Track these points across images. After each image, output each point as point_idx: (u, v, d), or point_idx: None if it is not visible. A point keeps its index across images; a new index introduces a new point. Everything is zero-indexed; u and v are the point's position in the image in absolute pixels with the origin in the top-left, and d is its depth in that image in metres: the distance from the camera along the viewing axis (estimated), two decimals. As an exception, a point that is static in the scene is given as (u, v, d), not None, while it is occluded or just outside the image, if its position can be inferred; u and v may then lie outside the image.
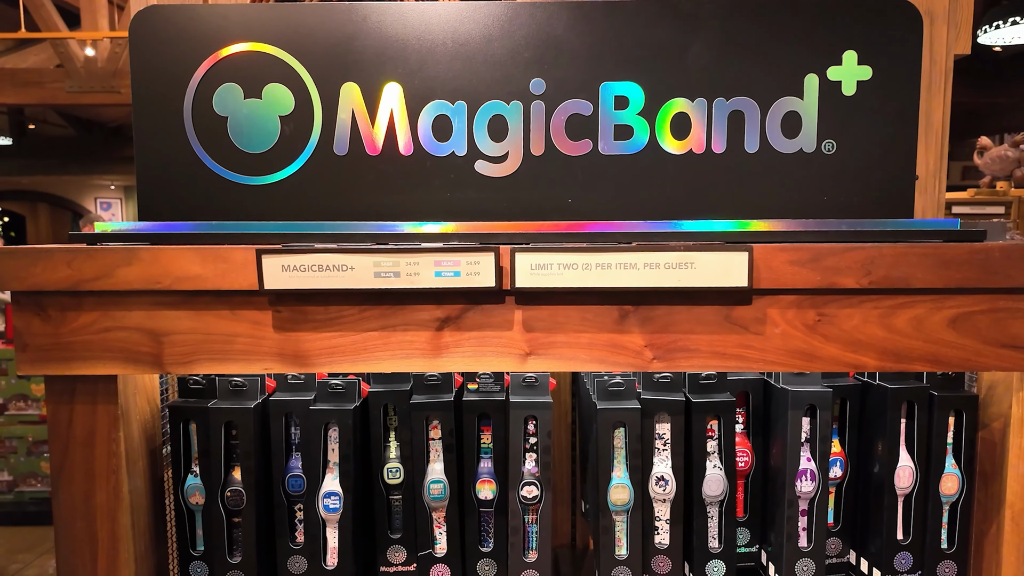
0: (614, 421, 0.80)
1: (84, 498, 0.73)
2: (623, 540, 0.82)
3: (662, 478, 0.81)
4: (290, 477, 0.82)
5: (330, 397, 0.81)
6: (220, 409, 0.79)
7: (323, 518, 0.81)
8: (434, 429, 0.82)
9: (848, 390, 0.82)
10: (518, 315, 0.70)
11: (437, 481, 0.81)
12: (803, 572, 0.80)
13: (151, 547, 0.80)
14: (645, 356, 0.71)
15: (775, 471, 0.82)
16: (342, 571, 0.80)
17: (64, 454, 0.73)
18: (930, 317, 0.70)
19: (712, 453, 0.82)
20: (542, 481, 0.81)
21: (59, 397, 0.72)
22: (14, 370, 3.27)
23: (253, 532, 0.80)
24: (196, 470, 0.82)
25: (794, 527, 0.80)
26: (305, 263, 0.67)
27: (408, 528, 0.84)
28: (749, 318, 0.70)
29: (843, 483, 0.84)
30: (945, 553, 0.81)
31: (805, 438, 0.80)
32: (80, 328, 0.70)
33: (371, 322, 0.70)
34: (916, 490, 0.80)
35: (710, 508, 0.82)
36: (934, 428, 0.79)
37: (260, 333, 0.70)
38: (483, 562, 0.83)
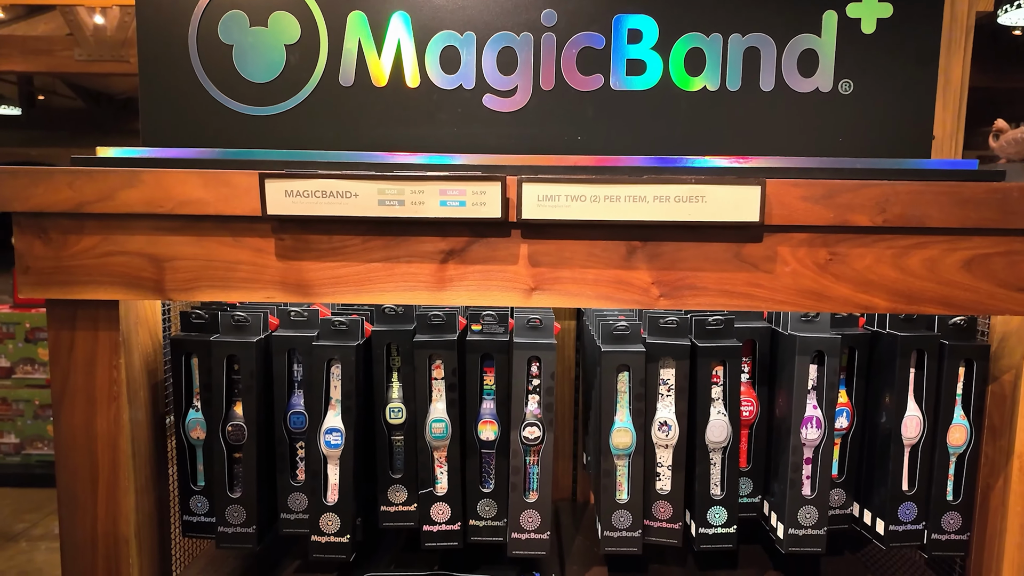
0: (618, 364, 0.79)
1: (85, 424, 0.73)
2: (624, 485, 0.81)
3: (665, 423, 0.80)
4: (292, 414, 0.82)
5: (333, 335, 0.80)
6: (222, 343, 0.79)
7: (324, 454, 0.80)
8: (437, 369, 0.81)
9: (857, 339, 0.81)
10: (523, 249, 0.69)
11: (439, 420, 0.81)
12: (806, 520, 0.79)
13: (152, 481, 0.80)
14: (652, 293, 0.70)
15: (780, 419, 0.81)
16: (342, 508, 0.80)
17: (65, 380, 0.73)
18: (944, 258, 0.68)
19: (716, 399, 0.81)
20: (544, 422, 0.80)
21: (60, 322, 0.72)
22: (21, 334, 3.29)
23: (254, 467, 0.80)
24: (197, 404, 0.82)
25: (798, 475, 0.79)
26: (308, 188, 0.66)
27: (409, 468, 0.83)
28: (759, 256, 0.69)
29: (848, 434, 0.83)
30: (950, 504, 0.80)
31: (812, 386, 0.79)
32: (82, 252, 0.69)
33: (375, 253, 0.70)
34: (923, 441, 0.79)
35: (713, 455, 0.82)
36: (944, 378, 0.78)
37: (263, 261, 0.70)
38: (483, 502, 0.83)
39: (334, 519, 0.80)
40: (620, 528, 0.81)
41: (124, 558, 0.75)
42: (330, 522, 0.80)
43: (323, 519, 0.80)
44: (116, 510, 0.74)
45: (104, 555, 0.75)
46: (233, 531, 0.81)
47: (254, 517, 0.81)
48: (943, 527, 0.80)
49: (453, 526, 0.83)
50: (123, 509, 0.74)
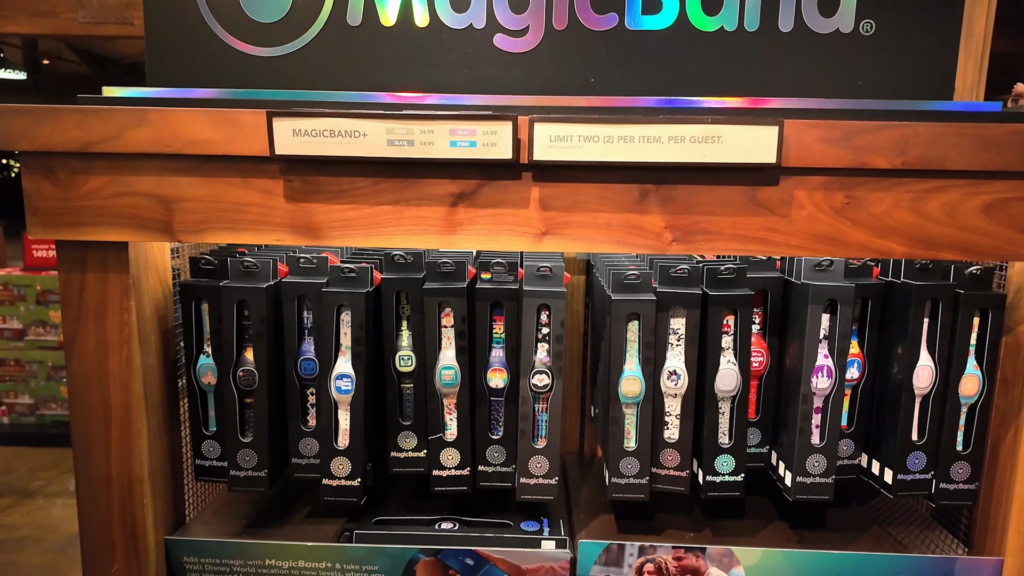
0: (628, 313, 0.79)
1: (97, 367, 0.73)
2: (632, 433, 0.82)
3: (674, 372, 0.80)
4: (302, 360, 0.82)
5: (343, 282, 0.80)
6: (232, 288, 0.79)
7: (335, 400, 0.81)
8: (446, 317, 0.81)
9: (870, 289, 0.80)
10: (535, 192, 0.69)
11: (448, 367, 0.81)
12: (814, 468, 0.79)
13: (165, 425, 0.81)
14: (664, 238, 0.69)
15: (791, 369, 0.81)
16: (353, 452, 0.81)
17: (76, 323, 0.73)
18: (964, 203, 0.67)
19: (727, 349, 0.81)
20: (553, 370, 0.80)
21: (70, 264, 0.72)
22: (32, 296, 3.32)
23: (265, 412, 0.81)
24: (208, 350, 0.82)
25: (807, 423, 0.79)
26: (316, 128, 0.65)
27: (419, 415, 0.84)
28: (775, 200, 0.68)
29: (859, 385, 0.83)
30: (960, 455, 0.80)
31: (824, 335, 0.79)
32: (90, 193, 0.69)
33: (384, 195, 0.69)
34: (934, 391, 0.79)
35: (722, 404, 0.82)
36: (958, 328, 0.77)
37: (271, 203, 0.69)
38: (492, 448, 0.84)
39: (345, 463, 0.81)
40: (627, 475, 0.81)
41: (138, 499, 0.76)
42: (341, 466, 0.81)
43: (334, 463, 0.81)
44: (129, 451, 0.75)
45: (119, 495, 0.76)
46: (245, 475, 0.82)
47: (265, 461, 0.82)
48: (952, 477, 0.80)
49: (462, 471, 0.83)
50: (136, 450, 0.75)
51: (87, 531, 0.76)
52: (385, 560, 0.81)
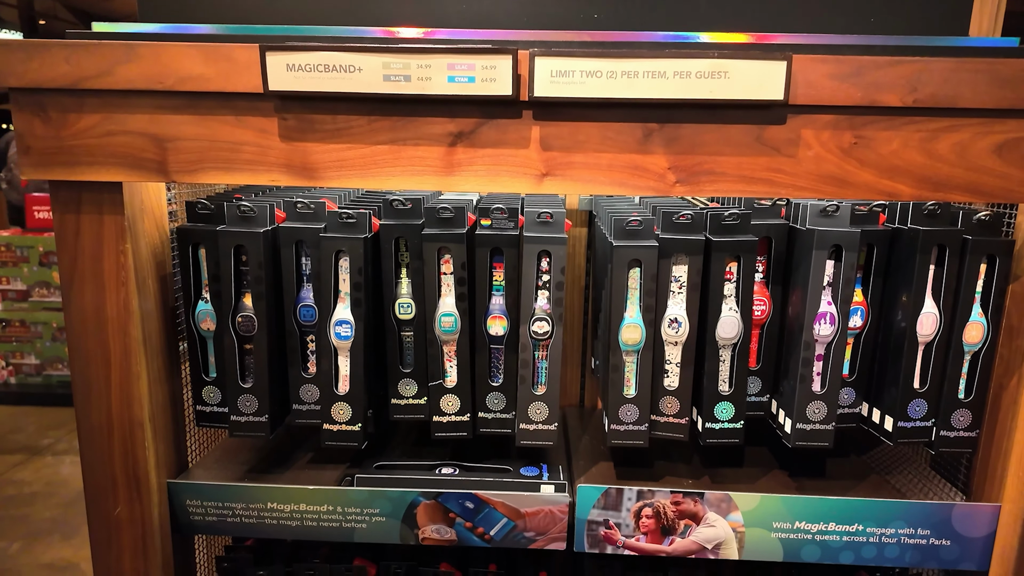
0: (630, 259, 0.78)
1: (95, 310, 0.73)
2: (632, 380, 0.81)
3: (675, 320, 0.80)
4: (301, 307, 0.82)
5: (341, 227, 0.79)
6: (230, 232, 0.78)
7: (335, 346, 0.81)
8: (446, 263, 0.80)
9: (876, 235, 0.79)
10: (535, 132, 0.67)
11: (448, 314, 0.80)
12: (814, 415, 0.79)
13: (165, 371, 0.81)
14: (668, 179, 0.68)
15: (793, 317, 0.80)
16: (353, 397, 0.81)
17: (73, 265, 0.72)
18: (975, 143, 0.65)
19: (729, 296, 0.80)
20: (553, 317, 0.80)
21: (65, 206, 0.71)
22: (35, 257, 3.32)
23: (265, 358, 0.81)
24: (206, 296, 0.82)
25: (808, 370, 0.78)
26: (311, 62, 0.63)
27: (419, 363, 0.84)
28: (781, 139, 0.66)
29: (862, 334, 0.82)
30: (961, 402, 0.79)
31: (828, 282, 0.78)
32: (82, 131, 0.68)
33: (381, 135, 0.67)
34: (938, 338, 0.78)
35: (722, 352, 0.81)
36: (964, 275, 0.76)
37: (266, 142, 0.68)
38: (492, 395, 0.84)
39: (345, 408, 0.81)
40: (627, 422, 0.81)
41: (140, 442, 0.77)
42: (341, 411, 0.82)
43: (335, 408, 0.82)
44: (130, 395, 0.75)
45: (120, 438, 0.76)
46: (246, 420, 0.82)
47: (266, 407, 0.82)
48: (952, 424, 0.79)
49: (463, 417, 0.84)
50: (136, 394, 0.75)
51: (90, 473, 0.77)
52: (386, 503, 0.82)
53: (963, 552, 0.80)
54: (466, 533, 0.82)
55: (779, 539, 0.81)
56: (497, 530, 0.82)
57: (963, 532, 0.79)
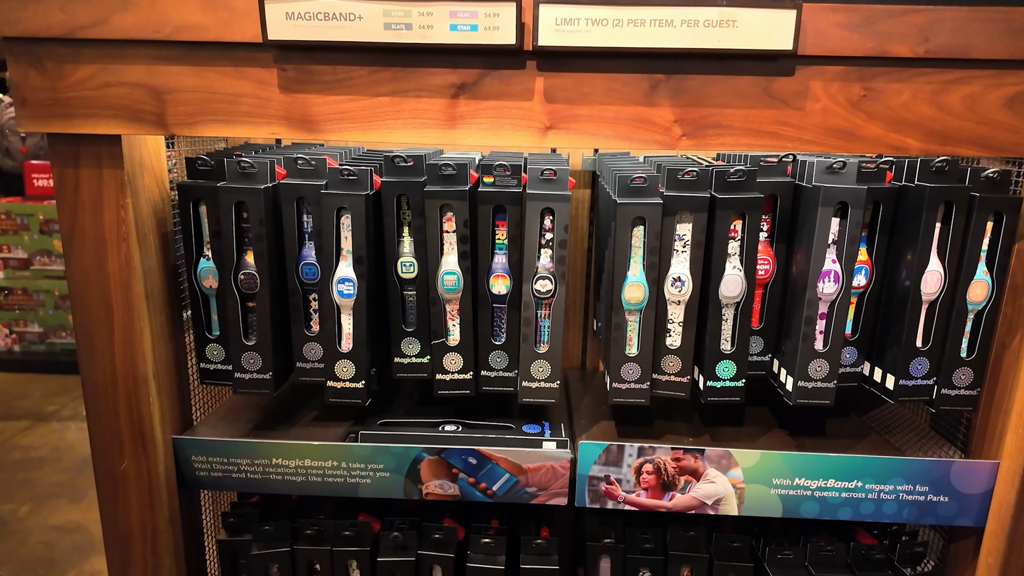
0: (634, 217, 0.77)
1: (96, 265, 0.73)
2: (634, 339, 0.81)
3: (679, 279, 0.79)
4: (304, 265, 0.82)
5: (342, 184, 0.78)
6: (231, 188, 0.77)
7: (338, 304, 0.81)
8: (448, 221, 0.80)
9: (883, 193, 0.78)
10: (539, 83, 0.66)
11: (451, 272, 0.80)
12: (816, 373, 0.79)
13: (168, 329, 0.81)
14: (674, 133, 0.67)
15: (797, 275, 0.80)
16: (357, 355, 0.81)
17: (73, 220, 0.72)
18: (986, 95, 0.64)
19: (733, 255, 0.80)
20: (556, 276, 0.79)
21: (64, 160, 0.70)
22: (36, 225, 3.31)
23: (268, 315, 0.81)
24: (208, 253, 0.82)
25: (811, 328, 0.78)
26: (310, 10, 0.62)
27: (422, 322, 0.84)
28: (789, 91, 0.65)
29: (865, 293, 0.82)
30: (963, 360, 0.79)
31: (832, 239, 0.77)
32: (79, 83, 0.67)
33: (382, 86, 0.66)
34: (942, 297, 0.78)
35: (725, 311, 0.81)
36: (970, 232, 0.76)
37: (266, 94, 0.67)
38: (495, 354, 0.84)
39: (349, 366, 0.82)
40: (629, 380, 0.82)
41: (144, 397, 0.77)
42: (345, 368, 0.82)
43: (338, 366, 0.82)
44: (133, 350, 0.75)
45: (125, 394, 0.77)
46: (250, 377, 0.83)
47: (270, 363, 0.82)
48: (954, 382, 0.80)
49: (465, 375, 0.84)
50: (140, 349, 0.75)
51: (95, 428, 0.77)
52: (390, 459, 0.82)
53: (961, 508, 0.81)
54: (469, 488, 0.83)
55: (778, 495, 0.82)
56: (500, 485, 0.83)
57: (961, 489, 0.80)
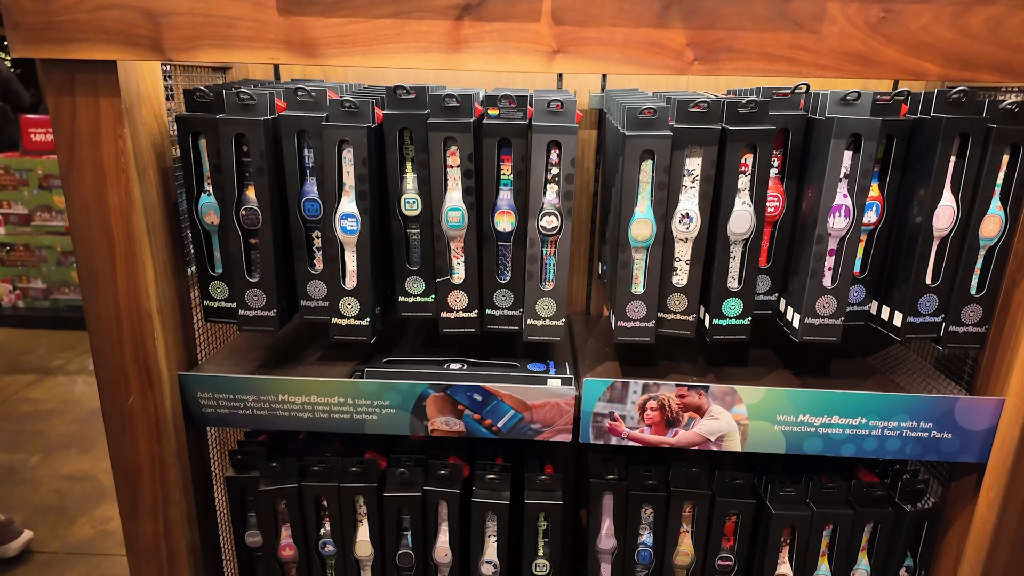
0: (642, 150, 0.75)
1: (96, 198, 0.72)
2: (640, 277, 0.81)
3: (687, 215, 0.78)
4: (305, 201, 0.80)
5: (343, 116, 0.76)
6: (230, 120, 0.76)
7: (341, 240, 0.80)
8: (452, 156, 0.78)
9: (897, 126, 0.76)
10: (546, 4, 0.64)
11: (455, 209, 0.79)
12: (823, 310, 0.79)
13: (171, 266, 0.81)
14: (686, 57, 0.65)
15: (807, 210, 0.79)
16: (361, 292, 0.81)
17: (71, 151, 0.71)
18: (1009, 18, 0.62)
19: (742, 190, 0.78)
20: (562, 212, 0.78)
21: (59, 88, 0.68)
22: (35, 181, 3.29)
23: (270, 251, 0.80)
24: (209, 189, 0.80)
25: (820, 264, 0.78)
26: (310, -76, 0.59)
27: (426, 260, 0.83)
28: (806, 13, 0.63)
29: (876, 230, 0.81)
30: (973, 297, 0.79)
31: (844, 174, 0.76)
32: (72, 5, 0.64)
33: (383, 7, 0.64)
34: (954, 233, 0.77)
35: (733, 248, 0.80)
36: (986, 165, 0.74)
37: (264, 17, 0.65)
38: (500, 292, 0.83)
39: (353, 303, 0.81)
40: (634, 318, 0.81)
41: (149, 332, 0.77)
42: (349, 305, 0.81)
43: (343, 303, 0.81)
44: (136, 285, 0.75)
45: (129, 329, 0.76)
46: (254, 314, 0.82)
47: (274, 301, 0.82)
48: (962, 320, 0.79)
49: (470, 313, 0.84)
50: (142, 284, 0.75)
51: (100, 362, 0.77)
52: (396, 395, 0.83)
53: (963, 445, 0.81)
54: (474, 425, 0.84)
55: (782, 432, 0.82)
56: (504, 422, 0.84)
57: (965, 425, 0.80)
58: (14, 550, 1.85)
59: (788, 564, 0.90)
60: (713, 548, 0.90)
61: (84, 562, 1.85)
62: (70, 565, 1.83)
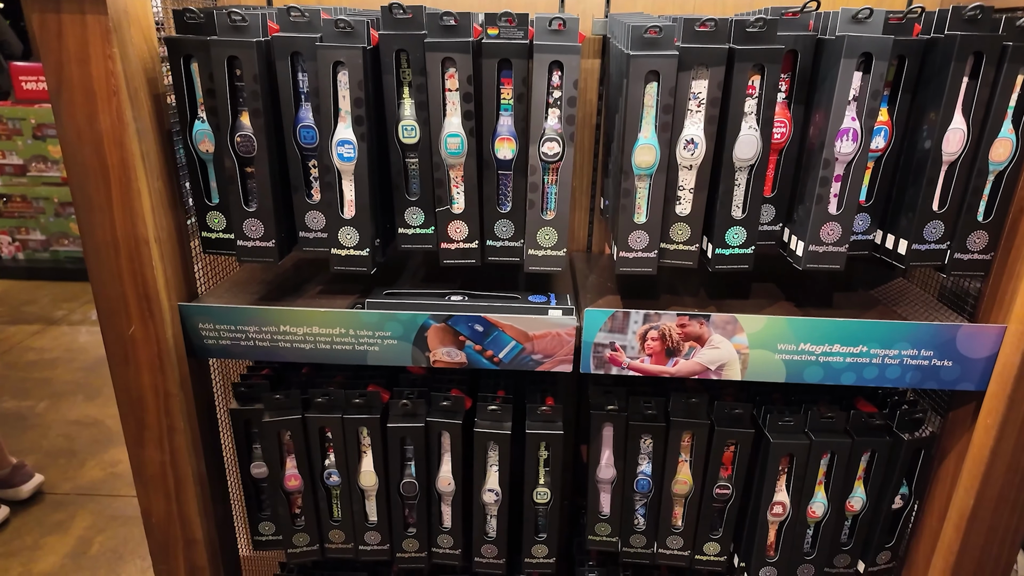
0: (647, 71, 0.73)
1: (88, 121, 0.70)
2: (643, 206, 0.80)
3: (692, 141, 0.77)
4: (301, 128, 0.79)
5: (338, 36, 0.74)
6: (222, 42, 0.73)
7: (338, 168, 0.78)
8: (451, 79, 0.76)
9: (909, 46, 0.74)
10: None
11: (454, 135, 0.77)
12: (828, 236, 0.78)
13: (167, 195, 0.79)
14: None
15: (814, 136, 0.77)
16: (360, 221, 0.80)
17: (59, 72, 0.69)
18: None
19: (749, 114, 0.77)
20: (564, 137, 0.77)
21: (44, 4, 0.66)
22: (28, 130, 3.24)
23: (267, 181, 0.79)
24: (203, 115, 0.79)
25: (826, 190, 0.76)
26: None
27: (426, 190, 0.82)
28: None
29: (883, 157, 0.79)
30: (979, 224, 0.78)
31: (853, 96, 0.74)
32: (51, -87, 0.62)
33: (379, -85, 0.61)
34: (963, 157, 0.75)
35: (738, 175, 0.79)
36: (1000, 85, 0.72)
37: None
38: (500, 223, 0.82)
39: (352, 233, 0.81)
40: (636, 248, 0.81)
41: (147, 261, 0.76)
42: (349, 235, 0.81)
43: (342, 233, 0.81)
44: (132, 212, 0.74)
45: (127, 256, 0.76)
46: (252, 245, 0.82)
47: (272, 231, 0.81)
48: (968, 246, 0.78)
49: (471, 244, 0.83)
50: (139, 211, 0.74)
51: (99, 291, 0.77)
52: (397, 326, 0.83)
53: (963, 372, 0.81)
54: (476, 356, 0.84)
55: (783, 360, 0.82)
56: (506, 352, 0.84)
57: (966, 353, 0.80)
58: (26, 492, 1.89)
59: (785, 492, 0.92)
60: (711, 477, 0.92)
61: (95, 502, 1.89)
62: (82, 505, 1.88)
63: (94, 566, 1.67)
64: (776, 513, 0.92)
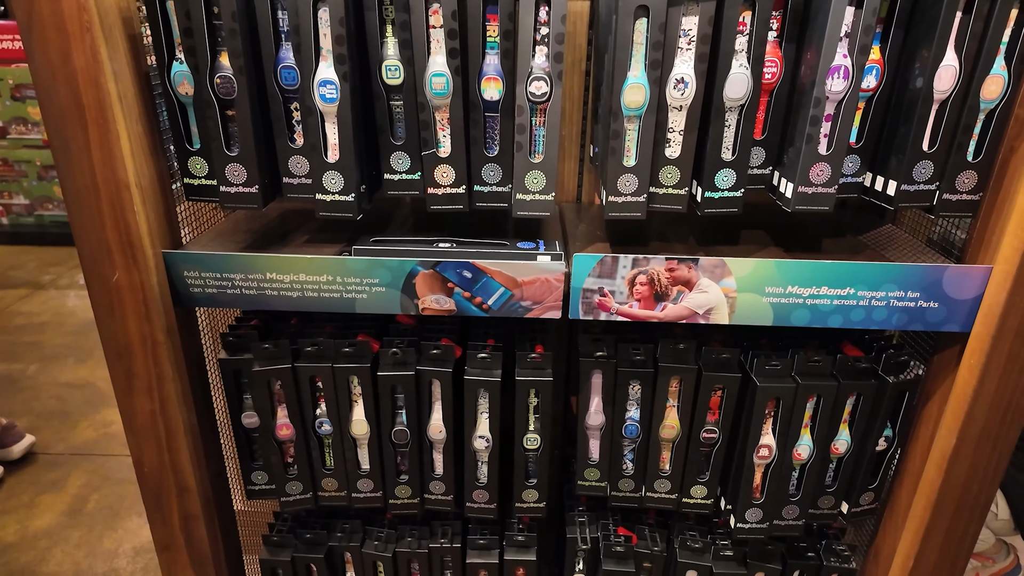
0: (637, 6, 0.72)
1: (61, 59, 0.68)
2: (632, 149, 0.79)
3: (682, 80, 0.75)
4: (282, 68, 0.77)
5: (318, -27, 0.72)
6: (196, -23, 0.71)
7: (321, 110, 0.77)
8: (435, 14, 0.74)
9: (904, -20, 0.73)
10: None
11: (439, 74, 0.76)
12: (817, 177, 0.77)
13: (147, 139, 0.78)
14: None
15: (806, 73, 0.76)
16: (344, 165, 0.79)
17: (29, 7, 0.66)
18: None
19: (740, 52, 0.75)
20: (552, 76, 0.75)
21: (8, -66, 0.63)
22: (6, 91, 3.16)
23: (249, 124, 0.77)
24: (180, 56, 0.76)
25: (816, 130, 0.75)
26: None
27: (411, 135, 0.80)
28: None
29: (874, 97, 0.78)
30: (969, 164, 0.77)
31: (846, 32, 0.72)
32: None
33: None
34: (954, 95, 0.74)
35: (728, 115, 0.78)
36: (993, 20, 0.71)
37: None
38: (488, 167, 0.81)
39: (337, 177, 0.79)
40: (625, 192, 0.80)
41: (129, 206, 0.75)
42: (333, 180, 0.79)
43: (326, 178, 0.79)
44: (111, 155, 0.72)
45: (108, 201, 0.75)
46: (235, 191, 0.80)
47: (255, 176, 0.80)
48: (957, 187, 0.78)
49: (458, 189, 0.82)
50: (118, 154, 0.72)
51: (81, 237, 0.76)
52: (385, 273, 0.82)
53: (949, 314, 0.82)
54: (464, 303, 0.84)
55: (770, 303, 0.82)
56: (495, 299, 0.84)
57: (952, 294, 0.81)
58: (17, 453, 1.90)
59: (771, 435, 0.93)
60: (699, 421, 0.93)
61: (89, 462, 1.90)
62: (75, 464, 1.89)
63: (91, 523, 1.68)
64: (762, 456, 0.93)
